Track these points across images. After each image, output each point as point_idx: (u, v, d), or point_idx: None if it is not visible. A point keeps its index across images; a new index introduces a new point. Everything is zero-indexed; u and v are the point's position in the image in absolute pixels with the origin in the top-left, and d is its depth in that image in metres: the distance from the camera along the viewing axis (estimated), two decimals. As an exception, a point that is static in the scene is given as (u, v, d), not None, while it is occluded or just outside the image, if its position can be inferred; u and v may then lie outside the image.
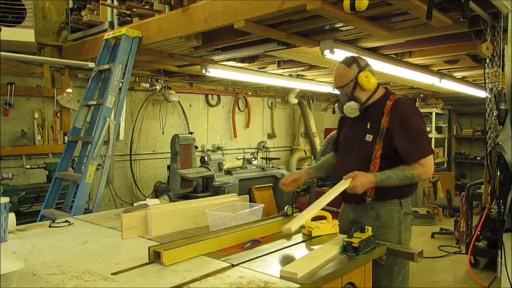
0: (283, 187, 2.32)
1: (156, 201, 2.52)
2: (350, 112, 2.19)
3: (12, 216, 2.03)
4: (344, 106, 2.20)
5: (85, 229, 2.19)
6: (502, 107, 2.64)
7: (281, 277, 1.44)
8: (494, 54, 2.88)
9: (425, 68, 4.84)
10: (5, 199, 1.89)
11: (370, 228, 1.84)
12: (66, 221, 2.31)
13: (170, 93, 5.42)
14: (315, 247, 1.86)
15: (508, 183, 2.61)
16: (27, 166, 3.98)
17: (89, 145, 3.25)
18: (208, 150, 6.10)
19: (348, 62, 2.24)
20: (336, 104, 2.34)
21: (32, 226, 2.21)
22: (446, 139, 8.78)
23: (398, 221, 2.14)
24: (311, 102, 7.68)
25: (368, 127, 2.16)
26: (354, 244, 1.70)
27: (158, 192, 5.35)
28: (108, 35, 3.52)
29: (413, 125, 2.10)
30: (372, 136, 2.13)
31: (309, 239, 1.97)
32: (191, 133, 5.41)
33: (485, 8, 2.66)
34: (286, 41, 3.28)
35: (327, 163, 2.52)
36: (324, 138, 5.51)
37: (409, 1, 2.38)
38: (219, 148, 6.19)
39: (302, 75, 5.65)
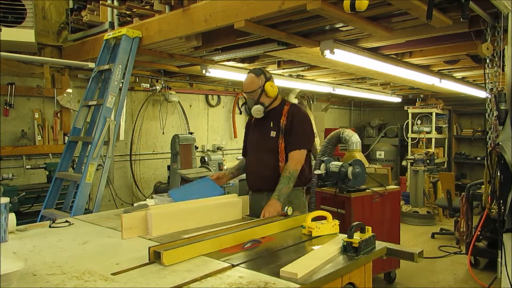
0: None
1: (152, 201, 2.51)
2: (256, 113, 2.61)
3: (12, 216, 2.03)
4: (251, 109, 2.61)
5: (85, 229, 2.19)
6: (502, 107, 2.64)
7: (281, 277, 1.44)
8: (494, 54, 2.88)
9: (425, 68, 4.84)
10: (5, 199, 1.89)
11: (370, 228, 1.84)
12: (66, 221, 2.31)
13: (170, 93, 5.42)
14: (315, 247, 1.86)
15: (508, 183, 2.61)
16: (27, 166, 3.98)
17: (89, 145, 3.25)
18: (208, 150, 6.11)
19: (258, 72, 2.64)
20: (243, 107, 2.74)
21: (32, 226, 2.21)
22: (446, 139, 8.77)
23: (303, 203, 2.71)
24: (311, 102, 7.68)
25: (271, 125, 2.62)
26: (354, 244, 1.70)
27: (158, 192, 5.35)
28: (108, 35, 3.52)
29: (298, 124, 2.58)
30: (275, 132, 2.60)
31: (309, 239, 1.97)
32: (191, 133, 5.42)
33: (485, 8, 2.66)
34: (286, 41, 3.28)
35: (244, 164, 2.88)
36: (325, 138, 5.50)
37: (409, 1, 2.38)
38: (219, 148, 6.19)
39: (302, 75, 5.65)
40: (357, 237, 1.75)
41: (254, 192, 2.72)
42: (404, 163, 7.83)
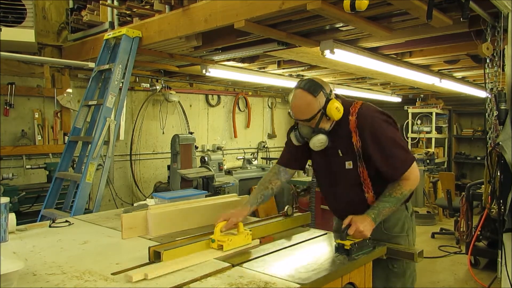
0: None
1: (152, 201, 2.51)
2: (318, 146, 1.90)
3: (12, 216, 2.03)
4: (310, 141, 1.91)
5: (85, 229, 2.19)
6: (502, 107, 2.64)
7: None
8: (494, 54, 2.87)
9: (425, 68, 4.84)
10: (5, 199, 1.89)
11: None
12: (66, 221, 2.31)
13: (170, 93, 5.42)
14: (315, 247, 1.87)
15: (508, 183, 2.61)
16: (27, 166, 3.98)
17: (89, 145, 3.25)
18: (208, 150, 6.11)
19: (314, 90, 1.85)
20: (293, 133, 2.00)
21: (32, 226, 2.21)
22: (446, 139, 8.77)
23: (407, 226, 2.02)
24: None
25: (341, 154, 1.94)
26: (346, 247, 1.67)
27: (158, 192, 5.35)
28: (108, 35, 3.52)
29: (384, 136, 1.87)
30: (351, 162, 1.93)
31: (306, 239, 1.97)
32: (191, 133, 5.41)
33: (485, 8, 2.66)
34: (286, 41, 3.28)
35: (271, 189, 2.15)
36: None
37: (409, 1, 2.38)
38: (219, 148, 6.19)
39: (302, 75, 5.65)
40: (350, 239, 1.70)
41: (340, 219, 2.09)
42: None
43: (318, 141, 1.89)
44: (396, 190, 1.86)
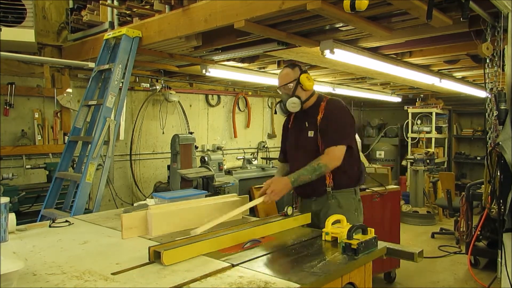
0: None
1: (152, 201, 2.51)
2: (292, 107, 2.40)
3: (12, 216, 2.03)
4: (286, 102, 2.41)
5: (85, 229, 2.19)
6: (502, 107, 2.64)
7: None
8: (494, 54, 2.87)
9: (425, 68, 4.84)
10: (5, 199, 1.89)
11: (373, 230, 1.82)
12: (66, 221, 2.31)
13: (170, 93, 5.42)
14: (316, 247, 1.87)
15: (508, 183, 2.61)
16: (27, 166, 3.98)
17: (89, 145, 3.25)
18: (208, 150, 6.11)
19: (292, 66, 2.49)
20: (278, 105, 2.53)
21: (32, 226, 2.21)
22: (446, 139, 8.77)
23: (355, 206, 2.42)
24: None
25: (307, 125, 2.44)
26: (353, 246, 1.69)
27: (158, 192, 5.35)
28: (108, 35, 3.52)
29: (336, 117, 2.37)
30: (313, 132, 2.40)
31: (308, 239, 1.97)
32: (191, 133, 5.41)
33: (485, 8, 2.66)
34: (286, 41, 3.27)
35: (283, 170, 2.66)
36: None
37: (409, 1, 2.38)
38: (219, 148, 6.19)
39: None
40: (356, 238, 1.73)
41: (303, 198, 2.54)
42: (404, 163, 7.83)
43: (292, 102, 2.39)
44: (315, 161, 2.28)
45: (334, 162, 2.28)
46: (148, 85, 5.23)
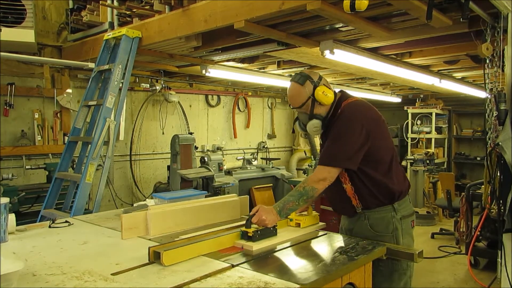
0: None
1: (151, 201, 2.51)
2: (313, 131, 2.06)
3: (12, 217, 2.03)
4: (307, 126, 2.07)
5: (85, 229, 2.19)
6: (502, 108, 2.64)
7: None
8: (494, 54, 2.87)
9: (425, 68, 4.84)
10: (5, 200, 1.89)
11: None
12: (66, 221, 2.31)
13: (170, 94, 5.42)
14: (316, 247, 1.87)
15: (508, 184, 2.61)
16: (27, 167, 3.98)
17: (89, 146, 3.25)
18: (208, 150, 6.10)
19: (301, 80, 2.04)
20: (296, 123, 2.18)
21: (32, 227, 2.21)
22: (446, 140, 8.77)
23: (393, 227, 2.01)
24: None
25: (327, 136, 2.06)
26: (249, 234, 1.82)
27: (158, 192, 5.35)
28: (108, 35, 3.52)
29: (337, 129, 1.98)
30: None
31: (308, 239, 1.97)
32: (191, 133, 5.41)
33: (485, 9, 2.66)
34: (286, 41, 3.27)
35: None
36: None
37: (409, 1, 2.38)
38: (219, 149, 6.19)
39: (302, 76, 5.64)
40: (254, 227, 1.86)
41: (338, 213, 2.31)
42: (404, 163, 7.82)
43: (313, 126, 2.04)
44: (300, 184, 1.96)
45: (322, 184, 1.93)
46: (148, 85, 5.23)
